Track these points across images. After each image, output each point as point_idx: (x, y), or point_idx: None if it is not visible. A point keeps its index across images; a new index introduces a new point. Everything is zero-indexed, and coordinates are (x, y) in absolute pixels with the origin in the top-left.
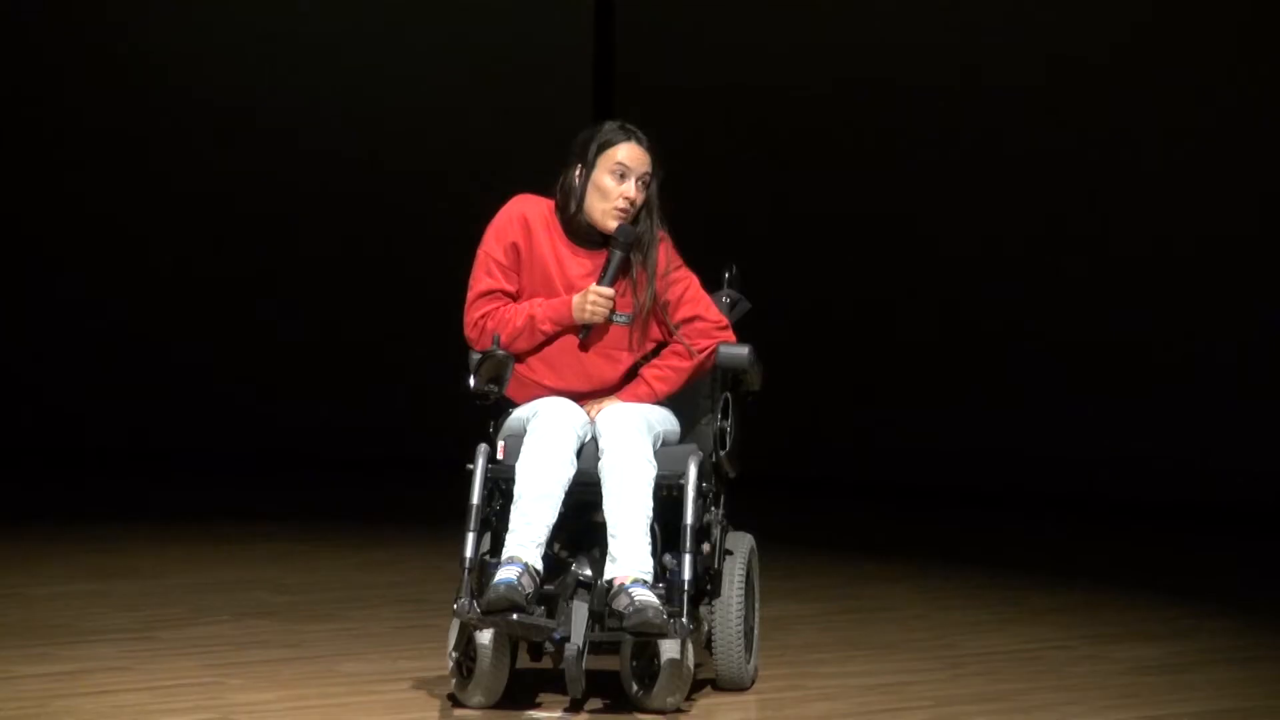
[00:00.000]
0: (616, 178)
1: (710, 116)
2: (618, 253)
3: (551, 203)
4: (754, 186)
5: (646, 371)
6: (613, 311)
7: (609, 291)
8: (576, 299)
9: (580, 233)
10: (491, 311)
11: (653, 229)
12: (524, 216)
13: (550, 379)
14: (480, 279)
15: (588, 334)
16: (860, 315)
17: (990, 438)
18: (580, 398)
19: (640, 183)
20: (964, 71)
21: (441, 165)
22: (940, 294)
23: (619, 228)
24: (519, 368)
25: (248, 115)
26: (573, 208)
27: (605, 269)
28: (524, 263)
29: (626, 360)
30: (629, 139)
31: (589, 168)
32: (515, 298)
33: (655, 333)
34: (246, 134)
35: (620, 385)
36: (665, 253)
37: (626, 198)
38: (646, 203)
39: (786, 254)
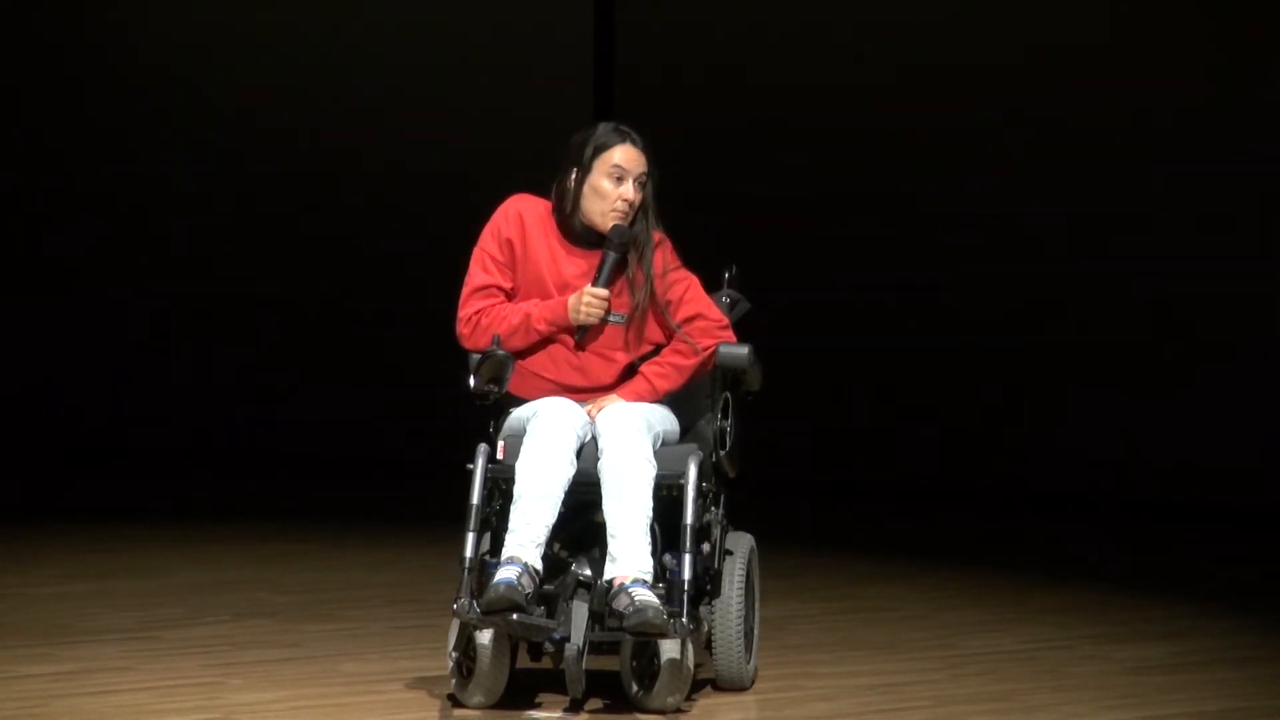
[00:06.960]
0: (614, 180)
1: (712, 109)
2: (612, 254)
3: (548, 203)
4: (758, 181)
5: (647, 368)
6: (608, 312)
7: (603, 293)
8: (572, 300)
9: (576, 233)
10: (486, 308)
11: (648, 229)
12: (519, 214)
13: (549, 371)
14: (476, 274)
15: (584, 335)
16: (862, 314)
17: (991, 437)
18: (576, 393)
19: (637, 184)
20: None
21: (439, 165)
22: (945, 290)
23: (613, 228)
24: (519, 361)
25: (245, 113)
26: (569, 210)
27: (600, 270)
28: (518, 260)
29: (622, 360)
30: (624, 140)
31: (585, 171)
32: (511, 295)
33: (652, 334)
34: (242, 131)
35: (615, 385)
36: (663, 254)
37: (625, 199)
38: (643, 203)
39: (787, 251)
